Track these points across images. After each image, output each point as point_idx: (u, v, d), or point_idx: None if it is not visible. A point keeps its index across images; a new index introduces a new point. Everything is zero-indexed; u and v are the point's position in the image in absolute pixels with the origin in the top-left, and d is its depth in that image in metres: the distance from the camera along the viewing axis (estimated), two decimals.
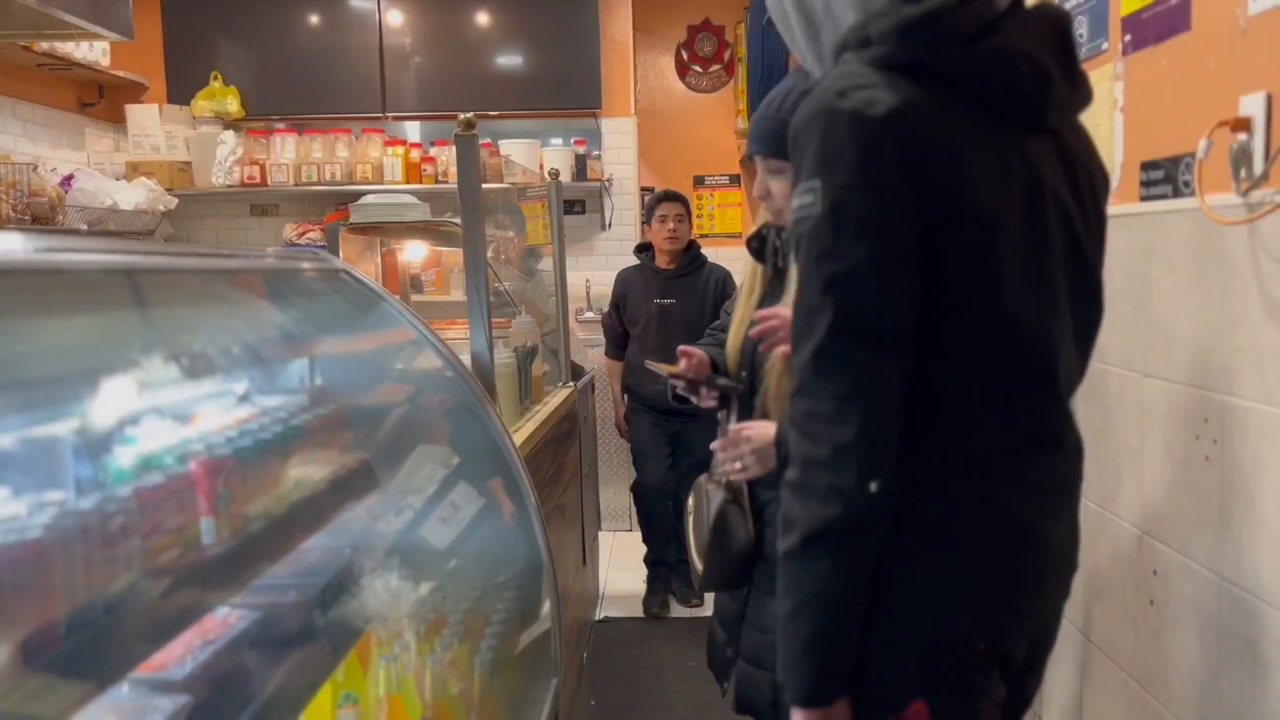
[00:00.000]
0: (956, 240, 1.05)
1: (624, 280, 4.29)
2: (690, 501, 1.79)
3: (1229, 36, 1.67)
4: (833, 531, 1.03)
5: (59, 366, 1.26)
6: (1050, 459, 1.16)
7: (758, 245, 1.72)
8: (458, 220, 4.03)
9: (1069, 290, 1.16)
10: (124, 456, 1.30)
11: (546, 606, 1.98)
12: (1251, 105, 1.62)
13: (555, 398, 3.09)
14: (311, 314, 1.76)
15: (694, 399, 1.77)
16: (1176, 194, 1.84)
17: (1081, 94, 1.20)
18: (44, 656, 0.98)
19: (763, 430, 1.60)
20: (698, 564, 1.72)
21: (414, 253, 4.44)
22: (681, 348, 1.79)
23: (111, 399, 1.33)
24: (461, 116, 2.03)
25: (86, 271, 1.23)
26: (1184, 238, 1.83)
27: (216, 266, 1.53)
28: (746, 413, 1.71)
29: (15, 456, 1.17)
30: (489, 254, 2.45)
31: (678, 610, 4.22)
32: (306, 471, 1.61)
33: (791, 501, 1.06)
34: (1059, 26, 1.16)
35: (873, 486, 1.02)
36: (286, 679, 1.49)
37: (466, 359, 2.08)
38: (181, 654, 1.35)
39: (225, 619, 1.50)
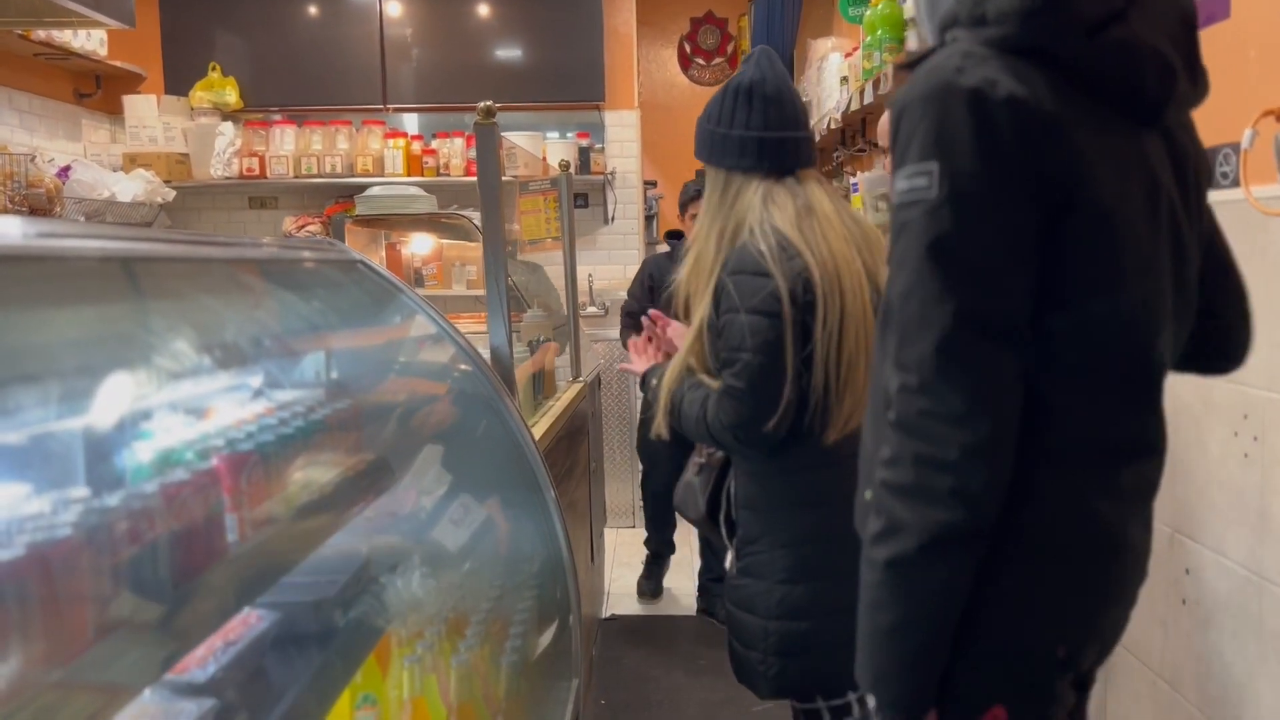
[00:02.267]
0: (1075, 234, 1.00)
1: (656, 265, 4.20)
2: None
3: (1271, 24, 1.64)
4: (954, 538, 0.98)
5: (75, 359, 1.22)
6: (1143, 466, 1.13)
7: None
8: (464, 213, 3.98)
9: (1173, 300, 1.11)
10: (143, 452, 1.26)
11: (567, 605, 1.94)
12: None
13: (568, 393, 3.05)
14: (330, 306, 1.72)
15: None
16: (1219, 185, 1.80)
17: (1200, 89, 1.13)
18: (71, 660, 0.94)
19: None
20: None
21: (419, 245, 4.39)
22: (653, 311, 2.01)
23: (126, 393, 1.28)
24: (481, 104, 1.98)
25: (93, 260, 1.19)
26: (1225, 229, 1.79)
27: (234, 256, 1.48)
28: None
29: (35, 452, 1.12)
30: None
31: (678, 604, 4.19)
32: (325, 468, 1.57)
33: (896, 505, 0.99)
34: (1186, 18, 1.09)
35: (998, 488, 0.98)
36: (309, 680, 1.45)
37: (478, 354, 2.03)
38: (204, 656, 1.31)
39: (246, 619, 1.46)
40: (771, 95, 1.75)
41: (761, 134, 1.74)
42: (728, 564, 1.86)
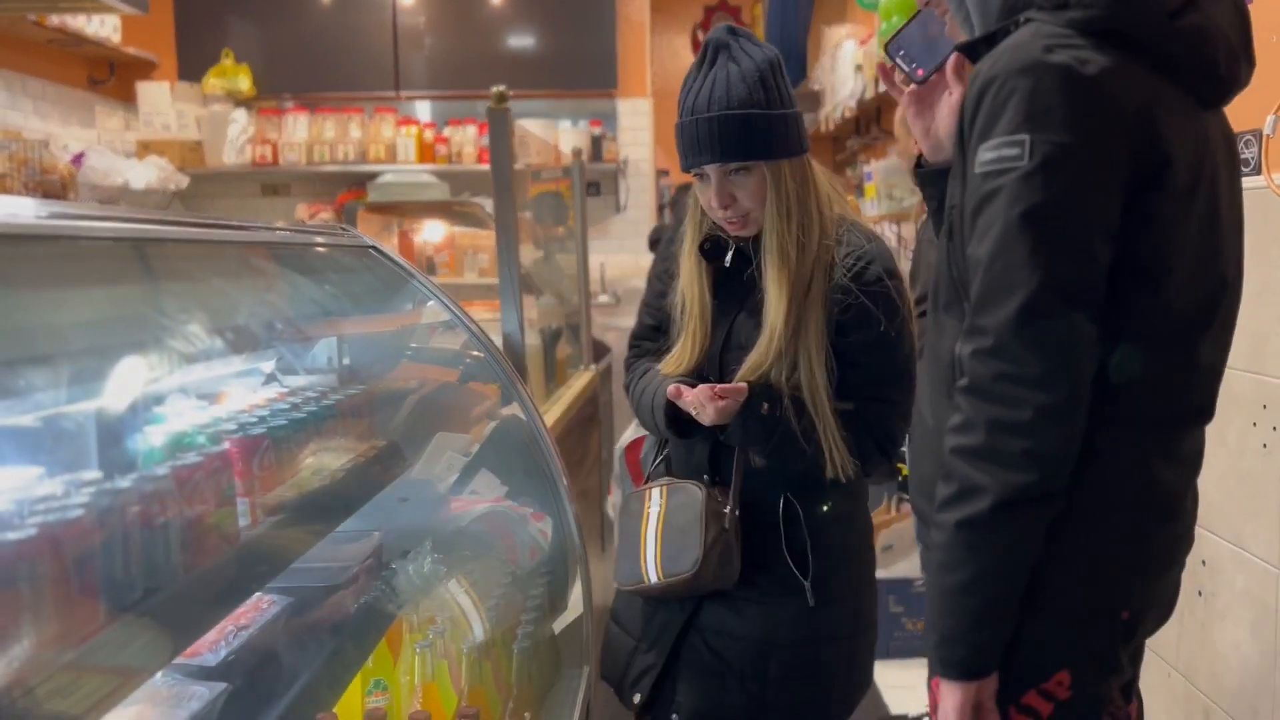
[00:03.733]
0: (1156, 209, 1.03)
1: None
2: (660, 499, 1.60)
3: None
4: (1026, 499, 1.00)
5: (95, 341, 1.22)
6: (1198, 433, 1.16)
7: (711, 248, 1.61)
8: (477, 200, 3.98)
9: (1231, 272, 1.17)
10: (155, 435, 1.26)
11: (578, 593, 1.93)
12: None
13: (579, 381, 3.04)
14: (344, 291, 1.71)
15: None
16: (1240, 172, 1.78)
17: (1250, 74, 1.18)
18: (83, 643, 0.93)
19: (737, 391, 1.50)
20: (651, 567, 1.57)
21: (431, 233, 4.39)
22: (673, 388, 1.55)
23: (139, 376, 1.28)
24: (494, 89, 1.97)
25: (109, 241, 1.19)
26: (1247, 217, 1.77)
27: (249, 240, 1.48)
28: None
29: (46, 434, 1.12)
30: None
31: None
32: (336, 453, 1.57)
33: (969, 468, 1.02)
34: (1241, 7, 1.14)
35: (1070, 453, 1.00)
36: (320, 665, 1.45)
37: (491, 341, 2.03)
38: (215, 640, 1.31)
39: (257, 604, 1.46)
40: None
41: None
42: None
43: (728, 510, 1.54)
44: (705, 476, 1.59)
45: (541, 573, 1.92)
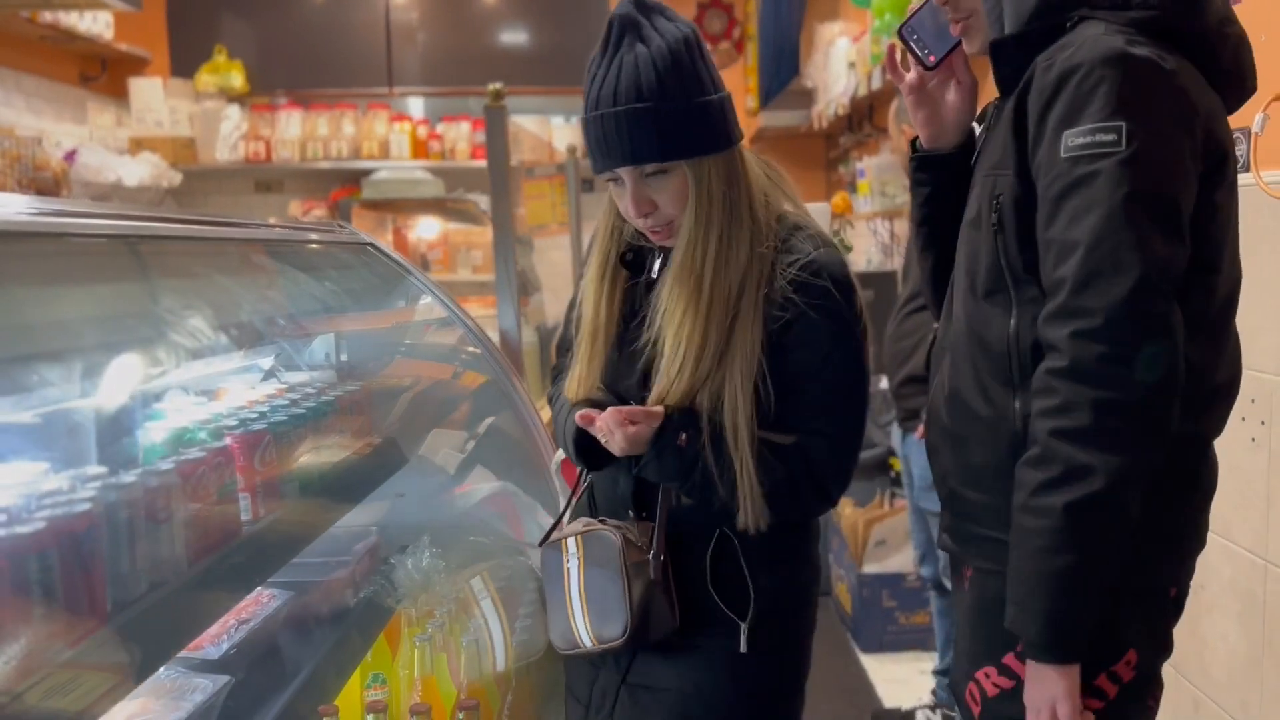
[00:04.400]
0: (1219, 200, 1.09)
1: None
2: (577, 552, 1.38)
3: None
4: (1135, 479, 1.04)
5: (90, 338, 1.23)
6: (1229, 408, 1.20)
7: (633, 259, 1.40)
8: (471, 196, 3.98)
9: None
10: (156, 431, 1.27)
11: None
12: None
13: None
14: (341, 287, 1.72)
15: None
16: None
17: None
18: (87, 637, 0.95)
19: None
20: (583, 630, 1.36)
21: (425, 230, 4.40)
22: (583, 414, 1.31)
23: (141, 372, 1.29)
24: (490, 87, 1.98)
25: (104, 239, 1.19)
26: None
27: (248, 236, 1.49)
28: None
29: (47, 429, 1.13)
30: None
31: None
32: (334, 449, 1.58)
33: (1073, 449, 1.03)
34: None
35: (1170, 432, 1.04)
36: (320, 659, 1.46)
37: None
38: (218, 633, 1.32)
39: (258, 598, 1.47)
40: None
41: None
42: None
43: (651, 556, 1.32)
44: (630, 512, 1.37)
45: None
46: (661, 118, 1.24)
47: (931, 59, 1.26)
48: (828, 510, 1.41)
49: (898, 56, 1.30)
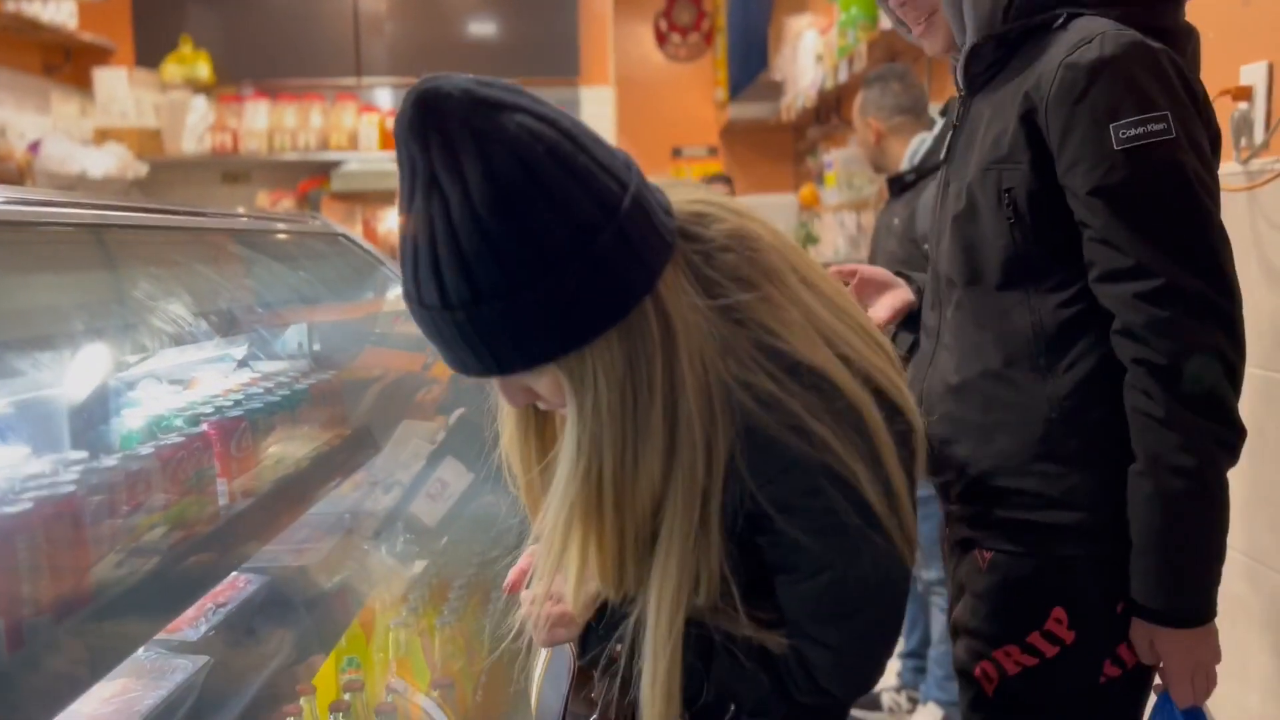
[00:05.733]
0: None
1: None
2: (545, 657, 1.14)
3: (1230, 6, 1.69)
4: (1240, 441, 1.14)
5: (63, 327, 1.24)
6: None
7: None
8: None
9: None
10: (132, 418, 1.29)
11: None
12: (1252, 75, 1.65)
13: None
14: (315, 277, 1.74)
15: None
16: None
17: None
18: (67, 618, 0.97)
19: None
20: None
21: (395, 221, 4.40)
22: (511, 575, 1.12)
23: (112, 361, 1.31)
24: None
25: (73, 227, 1.21)
26: None
27: (221, 226, 1.51)
28: None
29: (21, 417, 1.15)
30: None
31: None
32: (309, 436, 1.60)
33: (1170, 434, 1.09)
34: None
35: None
36: (296, 642, 1.49)
37: None
38: (195, 616, 1.34)
39: (234, 582, 1.50)
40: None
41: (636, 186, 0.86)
42: None
43: (596, 695, 1.02)
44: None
45: (512, 553, 1.96)
46: (482, 323, 0.80)
47: None
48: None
49: None
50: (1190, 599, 1.13)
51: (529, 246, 0.79)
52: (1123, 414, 1.13)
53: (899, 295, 1.41)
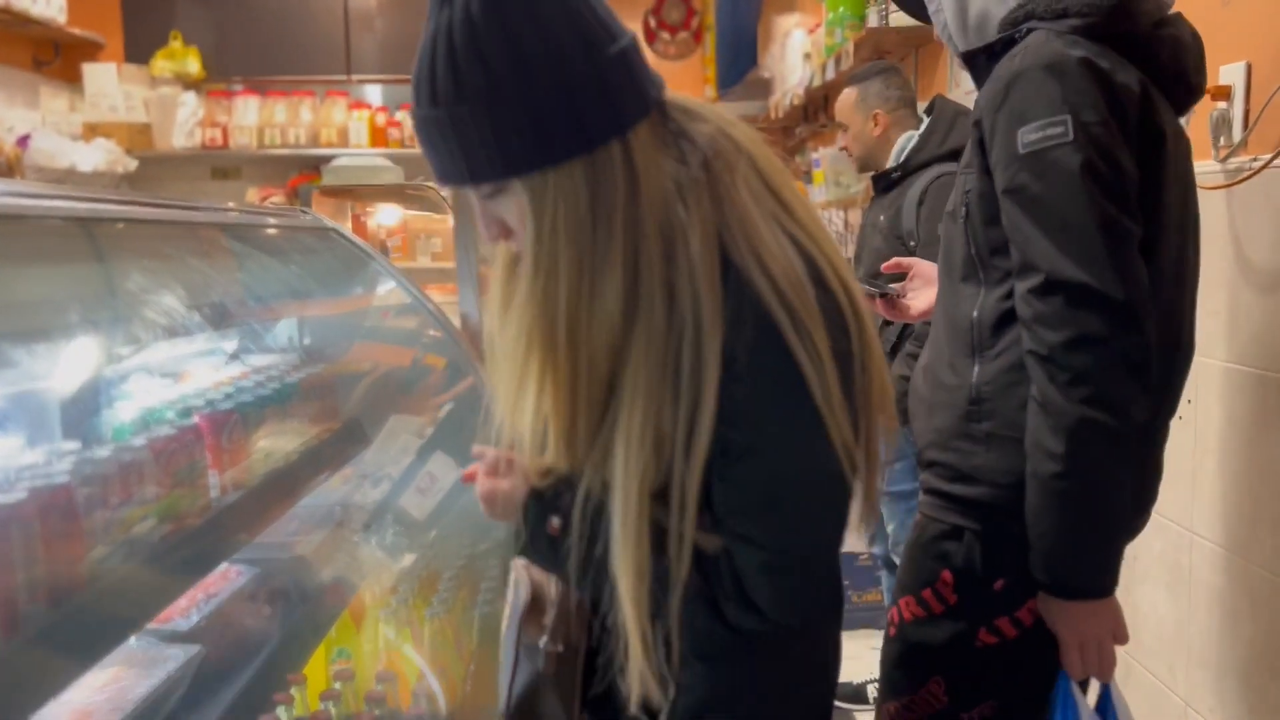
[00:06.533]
0: (1156, 172, 1.20)
1: None
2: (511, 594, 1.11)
3: (1209, 6, 1.72)
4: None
5: (55, 320, 1.25)
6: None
7: None
8: (432, 184, 3.99)
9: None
10: (125, 410, 1.30)
11: None
12: (1231, 74, 1.67)
13: None
14: (306, 272, 1.76)
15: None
16: None
17: (1201, 92, 1.36)
18: (59, 610, 0.98)
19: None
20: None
21: (385, 217, 4.41)
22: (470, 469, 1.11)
23: (103, 354, 1.32)
24: None
25: (65, 221, 1.22)
26: None
27: (212, 220, 1.52)
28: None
29: (26, 409, 1.16)
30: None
31: None
32: (300, 429, 1.62)
33: (1110, 382, 1.15)
34: (1197, 34, 1.32)
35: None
36: (286, 632, 1.50)
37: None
38: (187, 606, 1.36)
39: (225, 573, 1.51)
40: None
41: (620, 45, 0.91)
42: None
43: (541, 643, 1.03)
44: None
45: (500, 546, 1.98)
46: (461, 124, 0.87)
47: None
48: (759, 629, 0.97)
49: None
50: (1070, 573, 1.21)
51: (510, 57, 0.86)
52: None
53: None
